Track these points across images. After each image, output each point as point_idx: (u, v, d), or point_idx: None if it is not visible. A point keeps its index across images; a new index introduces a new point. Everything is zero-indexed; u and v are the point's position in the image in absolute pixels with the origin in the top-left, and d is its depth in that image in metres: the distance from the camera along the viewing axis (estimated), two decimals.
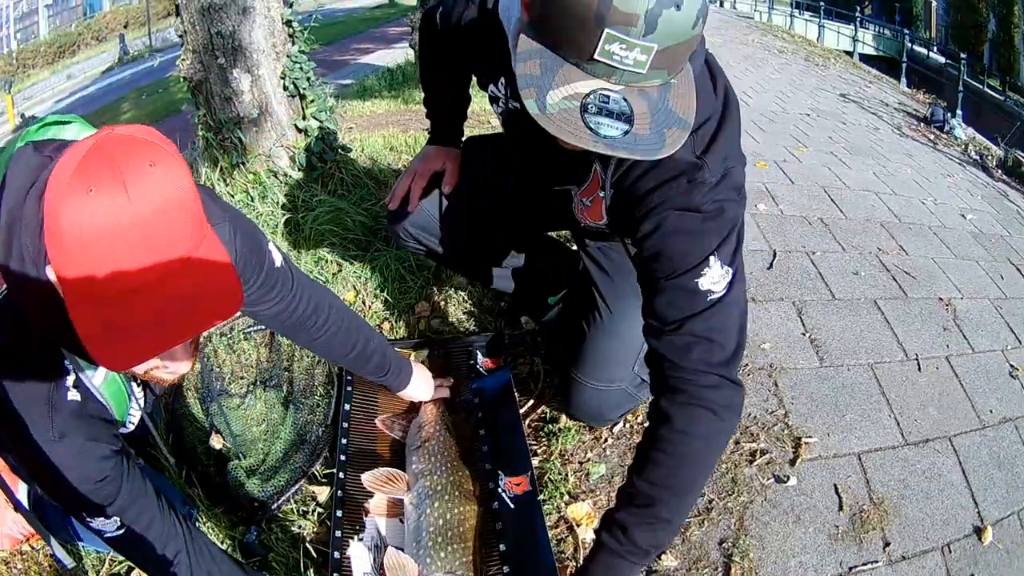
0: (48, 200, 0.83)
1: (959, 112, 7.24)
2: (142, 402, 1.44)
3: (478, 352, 2.09)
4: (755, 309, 2.51)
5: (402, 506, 1.61)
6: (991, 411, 2.44)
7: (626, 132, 1.01)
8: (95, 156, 0.82)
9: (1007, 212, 4.53)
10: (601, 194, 1.40)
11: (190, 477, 1.79)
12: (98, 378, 1.16)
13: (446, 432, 1.76)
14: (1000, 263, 3.57)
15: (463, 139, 1.97)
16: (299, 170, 2.73)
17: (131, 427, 1.43)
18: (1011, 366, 2.69)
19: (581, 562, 1.55)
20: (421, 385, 1.85)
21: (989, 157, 5.92)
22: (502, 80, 1.53)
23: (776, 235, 3.06)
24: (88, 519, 1.14)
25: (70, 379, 1.08)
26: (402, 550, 1.52)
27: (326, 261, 2.48)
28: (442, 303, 2.38)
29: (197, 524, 1.65)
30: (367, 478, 1.63)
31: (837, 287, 2.77)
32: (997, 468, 2.23)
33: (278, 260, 1.37)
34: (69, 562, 1.45)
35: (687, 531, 1.73)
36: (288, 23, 2.67)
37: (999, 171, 5.51)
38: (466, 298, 2.41)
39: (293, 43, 2.69)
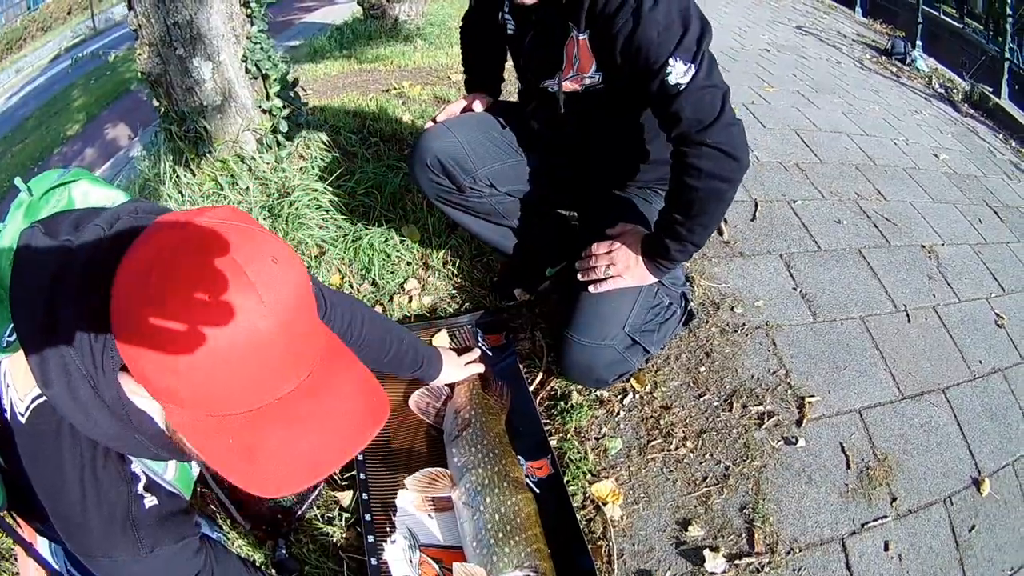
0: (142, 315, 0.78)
1: (919, 43, 7.58)
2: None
3: (478, 329, 2.25)
4: (744, 264, 2.70)
5: (449, 503, 1.74)
6: (980, 361, 2.70)
7: None
8: (201, 253, 0.79)
9: (978, 150, 4.85)
10: (581, 36, 1.76)
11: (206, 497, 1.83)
12: (169, 472, 1.18)
13: (483, 416, 1.90)
14: (977, 206, 3.86)
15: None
16: (267, 151, 2.82)
17: None
18: (996, 315, 2.97)
19: (614, 540, 1.76)
20: (453, 368, 2.01)
21: (954, 91, 6.28)
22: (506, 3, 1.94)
23: (755, 184, 3.25)
24: None
25: (141, 484, 1.10)
26: (440, 546, 1.66)
27: (307, 245, 2.58)
28: (431, 279, 2.51)
29: (226, 545, 1.70)
30: (411, 482, 1.75)
31: (821, 237, 2.98)
32: (990, 420, 2.49)
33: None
34: None
35: (709, 500, 1.91)
36: (246, 4, 2.72)
37: (965, 105, 5.85)
38: (455, 272, 2.54)
39: (252, 23, 2.75)
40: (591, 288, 1.93)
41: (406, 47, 5.84)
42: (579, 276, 1.96)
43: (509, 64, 2.19)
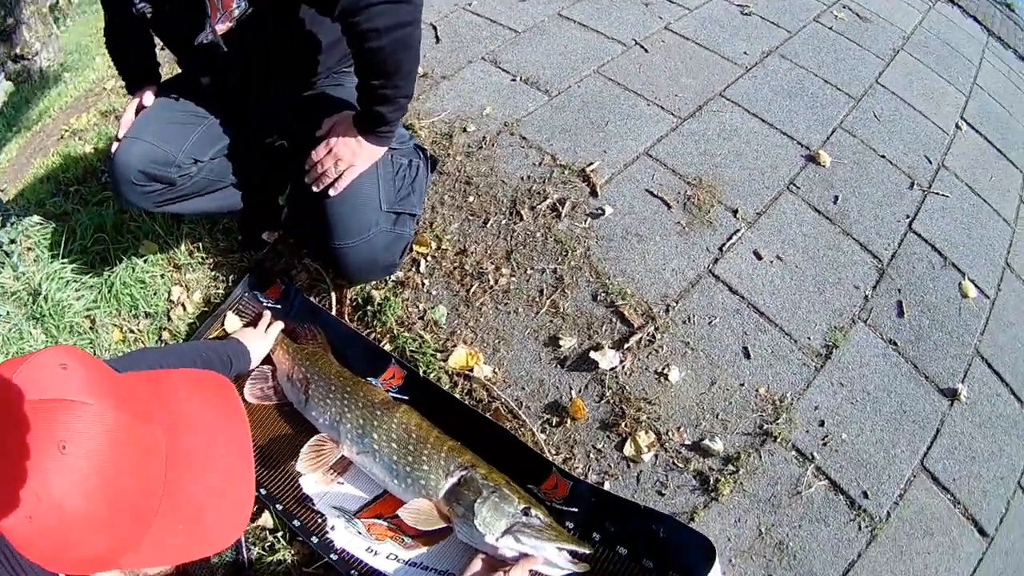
0: None
1: None
2: None
3: (256, 293, 2.30)
4: (452, 85, 2.57)
5: (346, 460, 1.78)
6: (745, 53, 2.74)
7: None
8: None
9: None
10: None
11: None
12: None
13: (313, 367, 1.95)
14: None
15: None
16: (3, 270, 2.82)
17: None
18: (739, 6, 3.00)
19: (502, 395, 1.81)
20: (258, 343, 2.06)
21: None
22: None
23: (426, 9, 2.91)
24: None
25: None
26: (370, 502, 1.73)
27: (78, 324, 2.51)
28: (188, 276, 2.47)
29: None
30: (301, 466, 1.77)
31: (514, 22, 2.91)
32: (788, 98, 2.53)
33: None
34: None
35: (559, 309, 1.85)
36: None
37: None
38: (204, 257, 2.48)
39: None
40: (331, 192, 1.96)
41: (60, 88, 5.83)
42: (314, 188, 1.99)
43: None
